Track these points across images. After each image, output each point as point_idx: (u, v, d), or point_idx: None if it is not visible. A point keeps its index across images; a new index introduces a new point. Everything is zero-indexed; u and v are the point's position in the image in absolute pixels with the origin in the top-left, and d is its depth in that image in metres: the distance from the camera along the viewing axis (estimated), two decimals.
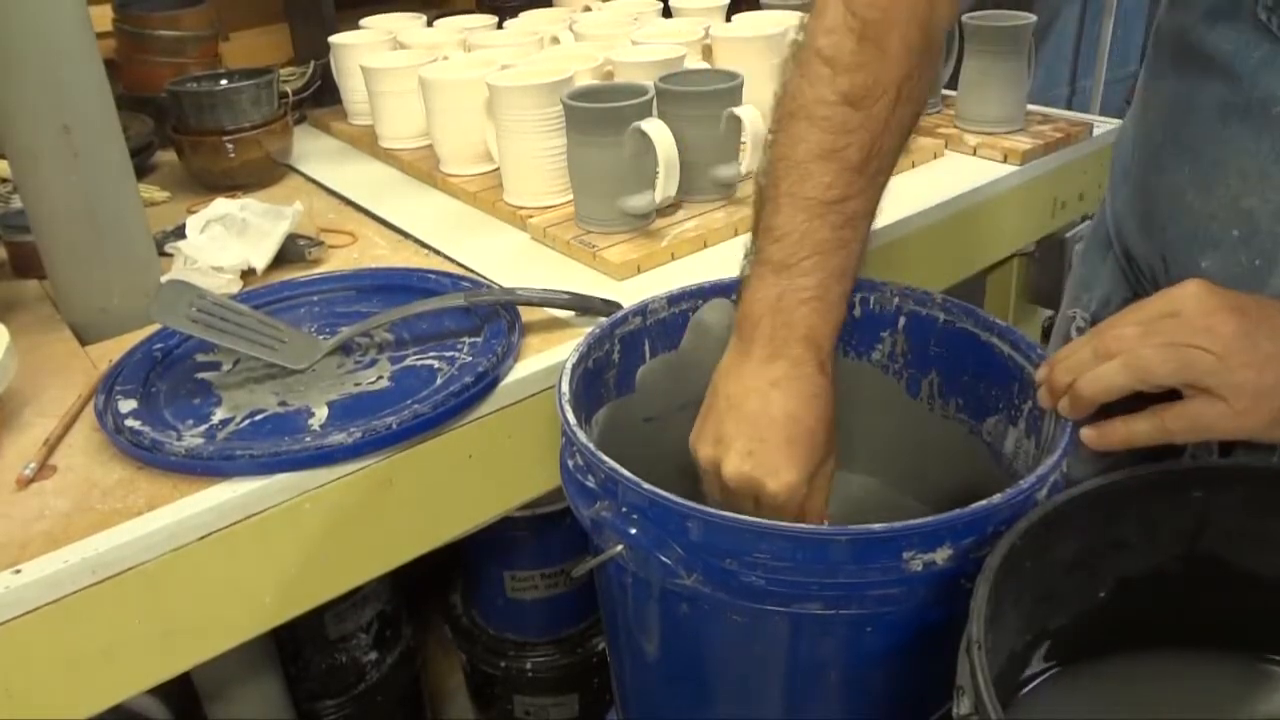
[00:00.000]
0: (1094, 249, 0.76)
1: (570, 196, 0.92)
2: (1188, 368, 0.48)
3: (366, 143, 1.17)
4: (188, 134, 1.04)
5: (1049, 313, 1.31)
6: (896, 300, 0.67)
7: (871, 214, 0.58)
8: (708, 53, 1.11)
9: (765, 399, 0.55)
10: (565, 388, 0.57)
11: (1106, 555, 0.50)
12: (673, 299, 0.67)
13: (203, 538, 0.58)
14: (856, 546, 0.47)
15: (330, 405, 0.66)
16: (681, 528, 0.49)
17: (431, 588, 1.32)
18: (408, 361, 0.72)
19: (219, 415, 0.66)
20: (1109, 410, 0.51)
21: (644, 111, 0.85)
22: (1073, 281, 0.80)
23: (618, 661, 0.65)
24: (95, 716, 0.58)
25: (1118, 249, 0.72)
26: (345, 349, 0.73)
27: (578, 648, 1.23)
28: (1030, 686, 0.52)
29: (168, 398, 0.68)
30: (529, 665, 1.23)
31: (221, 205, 0.89)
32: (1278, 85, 0.55)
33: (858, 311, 0.68)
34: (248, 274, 0.85)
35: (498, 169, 0.99)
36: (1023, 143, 1.05)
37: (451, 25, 1.21)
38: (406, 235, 0.95)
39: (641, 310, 0.66)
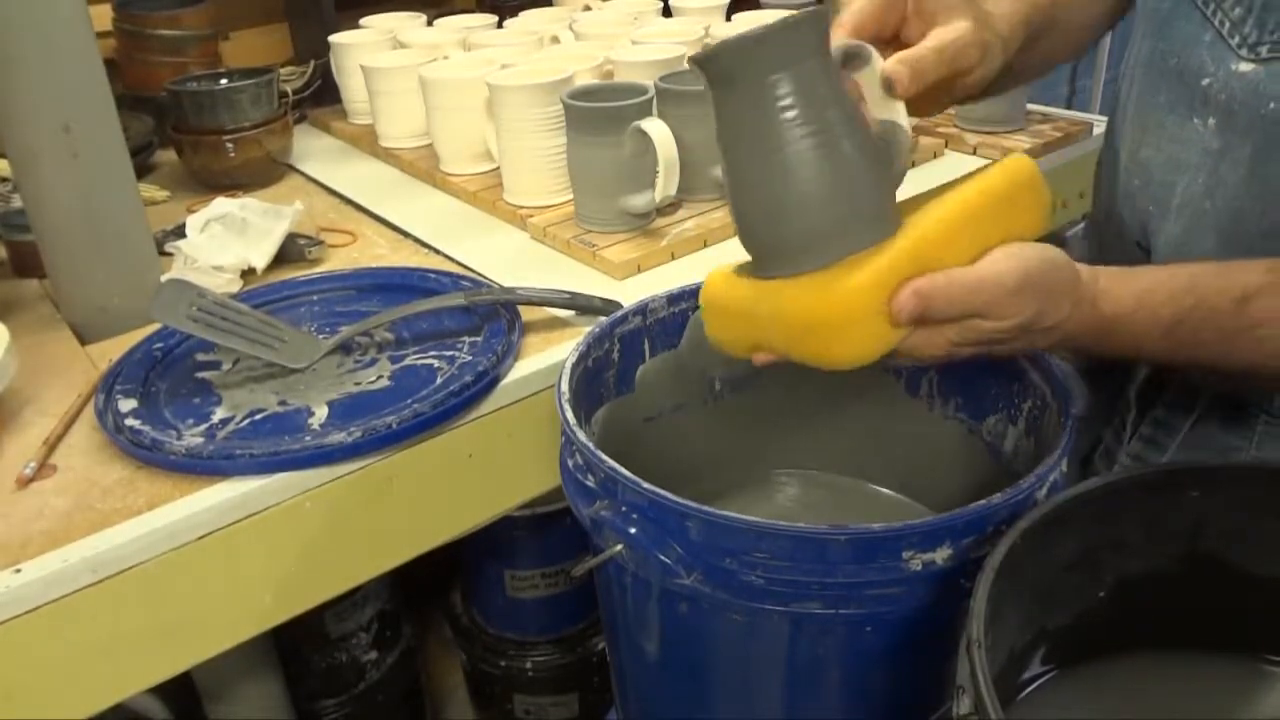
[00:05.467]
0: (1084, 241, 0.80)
1: (570, 196, 0.92)
2: (986, 346, 0.51)
3: (366, 142, 1.17)
4: (188, 133, 1.04)
5: None
6: None
7: None
8: None
9: None
10: (565, 387, 0.57)
11: (1106, 555, 0.50)
12: (672, 298, 0.67)
13: (202, 537, 0.58)
14: (856, 546, 0.47)
15: (330, 405, 0.66)
16: (681, 527, 0.49)
17: (431, 587, 1.32)
18: (408, 361, 0.72)
19: (219, 414, 0.66)
20: None
21: (644, 111, 0.85)
22: None
23: (617, 661, 0.65)
24: (95, 716, 0.58)
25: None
26: (345, 348, 0.73)
27: (578, 647, 1.24)
28: (1030, 688, 0.52)
29: (168, 397, 0.68)
30: (529, 664, 1.23)
31: (221, 205, 0.89)
32: (1174, 37, 0.59)
33: None
34: (248, 273, 0.85)
35: (498, 168, 0.99)
36: (1023, 142, 1.05)
37: (451, 25, 1.21)
38: (406, 235, 0.95)
39: (641, 309, 0.66)
